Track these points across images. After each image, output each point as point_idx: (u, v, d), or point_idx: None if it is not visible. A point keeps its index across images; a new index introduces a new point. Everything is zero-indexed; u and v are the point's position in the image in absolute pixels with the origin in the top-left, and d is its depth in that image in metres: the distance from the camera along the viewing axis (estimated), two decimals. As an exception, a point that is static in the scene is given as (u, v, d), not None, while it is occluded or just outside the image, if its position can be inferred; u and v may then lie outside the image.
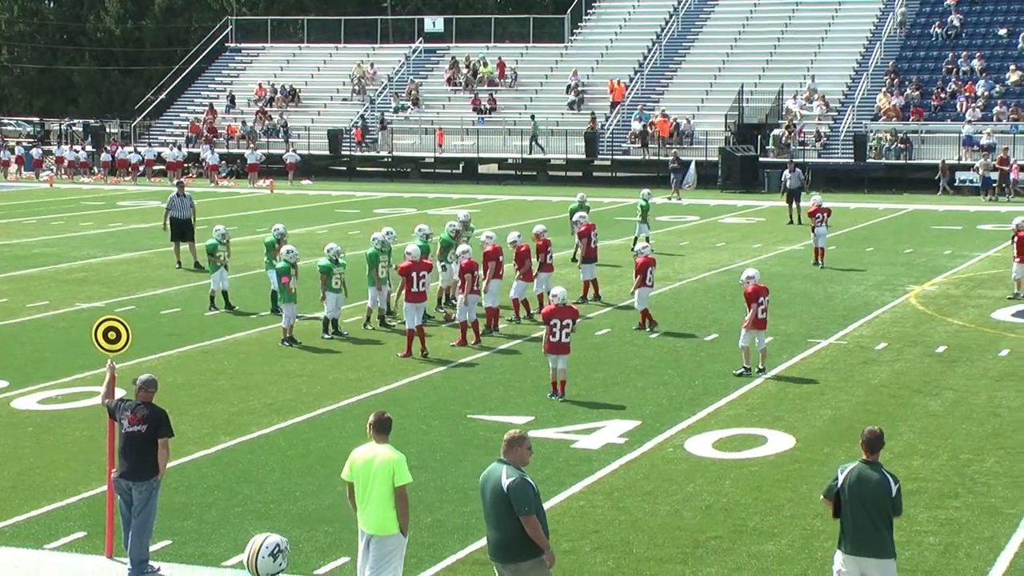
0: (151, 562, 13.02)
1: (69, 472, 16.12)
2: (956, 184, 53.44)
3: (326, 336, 24.07)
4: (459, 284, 23.79)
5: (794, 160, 48.85)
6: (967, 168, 53.55)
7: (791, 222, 42.11)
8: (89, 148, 67.19)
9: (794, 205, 42.72)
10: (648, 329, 24.66)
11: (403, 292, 22.91)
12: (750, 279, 21.13)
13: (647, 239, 35.79)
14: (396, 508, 11.10)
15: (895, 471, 15.92)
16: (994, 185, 51.64)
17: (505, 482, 10.22)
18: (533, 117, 61.86)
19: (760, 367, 21.05)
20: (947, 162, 53.77)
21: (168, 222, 33.61)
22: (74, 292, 29.51)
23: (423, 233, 25.88)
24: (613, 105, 61.86)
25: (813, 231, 33.52)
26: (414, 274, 22.66)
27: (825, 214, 33.37)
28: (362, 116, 65.43)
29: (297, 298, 23.97)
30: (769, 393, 20.13)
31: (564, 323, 19.49)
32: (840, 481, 10.81)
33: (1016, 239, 28.13)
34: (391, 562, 11.19)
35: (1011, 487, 15.54)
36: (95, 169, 64.68)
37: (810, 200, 36.02)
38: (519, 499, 10.17)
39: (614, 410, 18.91)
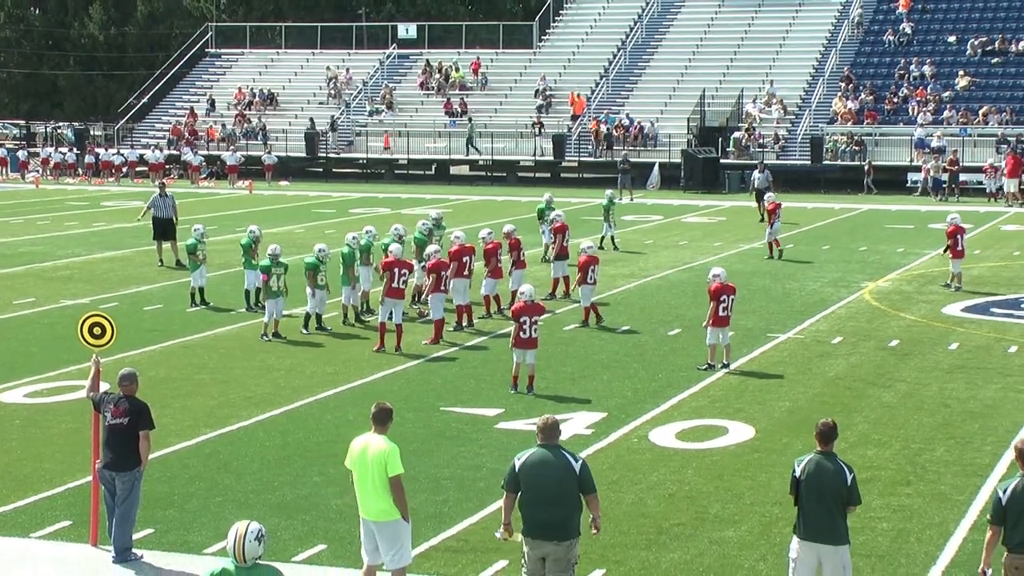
0: (134, 550, 13.00)
1: (55, 463, 16.05)
2: (908, 185, 53.67)
3: (305, 332, 24.00)
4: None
5: (763, 161, 49.05)
6: (918, 169, 53.80)
7: (761, 220, 42.31)
8: (76, 151, 66.78)
9: (763, 203, 42.78)
10: (590, 325, 24.62)
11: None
12: (716, 277, 21.15)
13: (612, 238, 35.92)
14: (393, 496, 11.14)
15: (850, 460, 15.97)
16: (944, 186, 51.89)
17: (576, 464, 10.70)
18: (471, 120, 62.25)
19: (724, 362, 21.08)
20: (899, 163, 54.02)
21: (145, 214, 33.71)
22: (59, 289, 29.36)
23: (397, 233, 25.85)
24: (574, 118, 61.76)
25: (770, 226, 34.13)
26: (395, 271, 22.65)
27: (778, 210, 34.51)
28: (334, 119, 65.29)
29: (283, 294, 23.80)
30: (730, 386, 20.18)
31: (533, 320, 19.51)
32: (797, 472, 10.86)
33: (949, 234, 28.74)
34: (399, 545, 11.31)
35: (960, 475, 15.63)
36: (79, 170, 64.35)
37: (767, 197, 36.29)
38: (589, 479, 10.72)
39: (581, 402, 18.93)
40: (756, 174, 45.18)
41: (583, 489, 10.70)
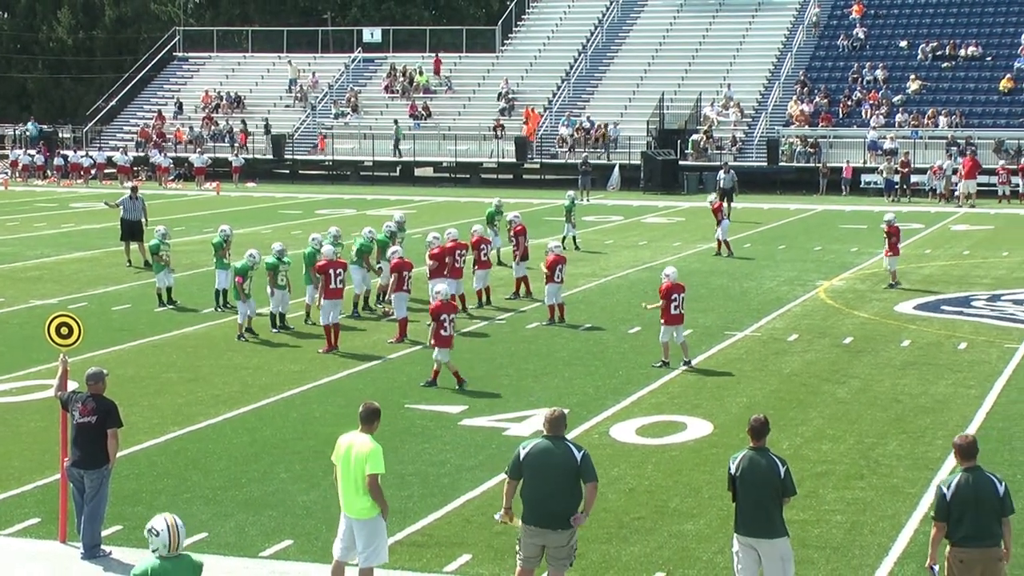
0: (103, 546, 12.92)
1: (23, 461, 15.93)
2: (861, 186, 53.99)
3: (275, 330, 23.92)
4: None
5: (727, 163, 49.33)
6: (872, 171, 54.15)
7: (727, 219, 42.84)
8: (45, 153, 66.27)
9: (727, 204, 43.27)
10: (555, 323, 24.65)
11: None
12: (666, 276, 21.18)
13: (573, 238, 35.97)
14: (371, 495, 11.13)
15: (806, 455, 16.13)
16: (896, 187, 52.21)
17: (578, 454, 10.87)
18: (396, 122, 62.50)
19: (684, 359, 21.08)
20: (851, 165, 54.36)
21: (113, 207, 33.59)
22: (28, 290, 29.14)
23: (331, 235, 25.88)
24: (520, 140, 61.45)
25: (719, 225, 34.44)
26: (331, 272, 22.59)
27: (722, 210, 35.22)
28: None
29: (250, 295, 23.70)
30: (688, 382, 20.24)
31: (451, 318, 19.56)
32: (733, 469, 10.88)
33: (888, 233, 28.97)
34: (375, 543, 11.27)
35: (912, 468, 15.73)
36: (48, 172, 63.90)
37: (708, 199, 36.48)
38: (590, 467, 10.90)
39: (543, 399, 18.93)
40: (721, 174, 45.46)
41: (583, 477, 10.86)
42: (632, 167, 57.33)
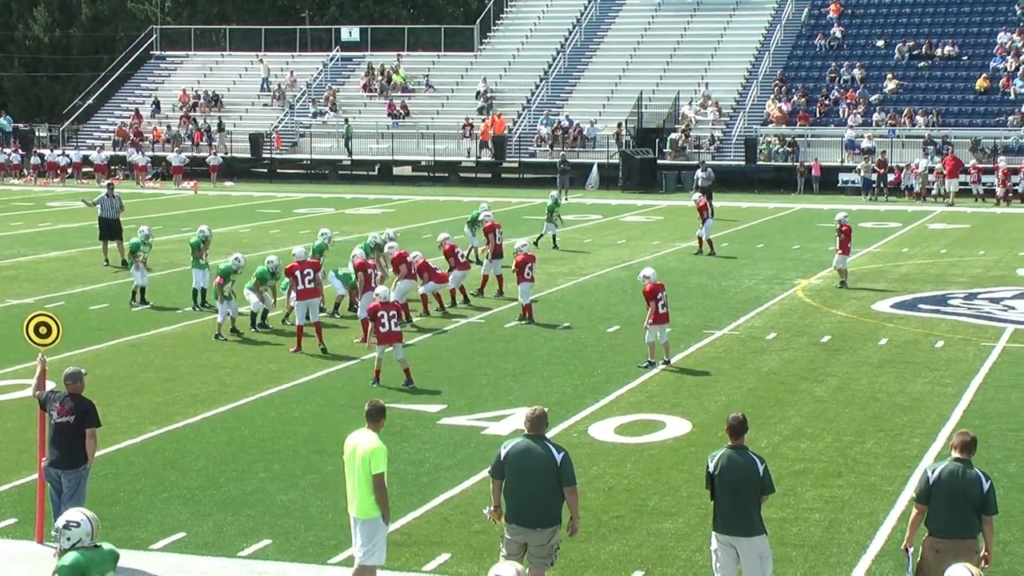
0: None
1: (1, 461, 15.86)
2: (839, 185, 54.17)
3: (254, 329, 23.87)
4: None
5: (704, 161, 49.51)
6: (850, 170, 54.33)
7: (711, 216, 43.25)
8: (21, 151, 65.99)
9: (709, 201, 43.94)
10: (524, 322, 24.67)
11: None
12: (647, 278, 21.18)
13: (553, 237, 35.99)
14: (375, 494, 11.10)
15: (784, 453, 16.19)
16: (874, 186, 52.41)
17: (558, 456, 10.88)
18: (347, 121, 62.82)
19: (664, 359, 21.12)
20: (830, 164, 54.58)
21: (90, 205, 33.51)
22: (5, 289, 29.01)
23: (326, 236, 26.39)
24: (487, 142, 61.46)
25: (703, 224, 34.58)
26: (298, 273, 22.58)
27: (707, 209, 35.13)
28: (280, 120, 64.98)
29: (231, 296, 23.66)
30: (667, 381, 20.27)
31: (391, 314, 19.59)
32: (711, 467, 10.90)
33: (839, 232, 28.87)
34: (373, 541, 11.26)
35: (889, 466, 15.79)
36: (25, 171, 63.63)
37: (693, 198, 36.58)
38: (569, 471, 10.90)
39: (522, 398, 18.93)
40: (699, 173, 45.67)
41: (562, 480, 10.88)
42: (610, 166, 57.40)
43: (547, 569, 11.14)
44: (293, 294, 23.10)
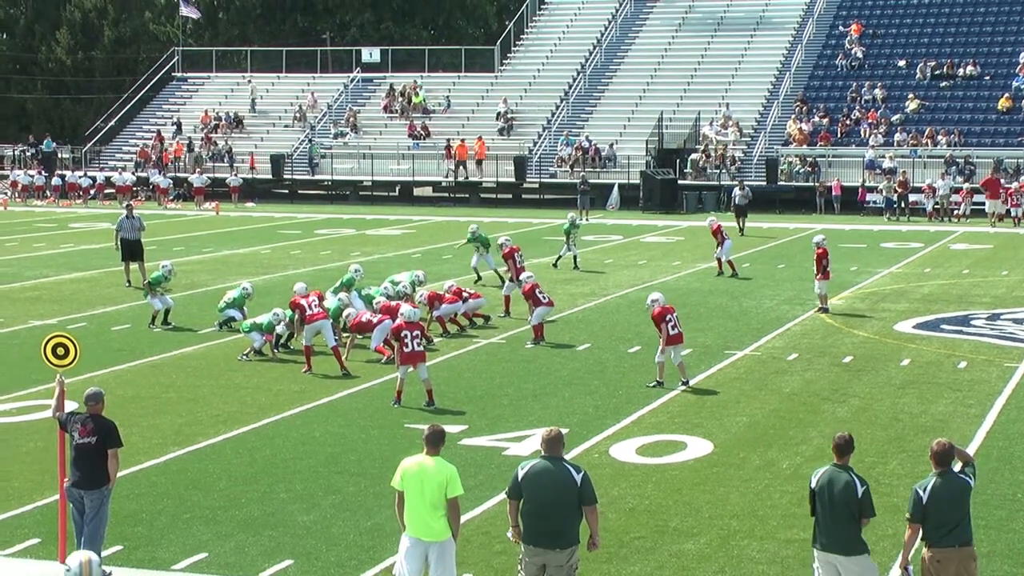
0: (103, 567, 12.89)
1: (23, 482, 15.93)
2: (861, 205, 54.11)
3: (276, 350, 23.94)
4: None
5: (743, 180, 49.94)
6: (871, 190, 54.26)
7: (741, 233, 44.08)
8: (44, 173, 66.37)
9: (742, 220, 45.38)
10: (536, 343, 24.68)
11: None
12: (655, 302, 21.12)
13: (574, 258, 35.98)
14: (448, 516, 11.17)
15: (805, 474, 16.12)
16: (895, 206, 52.33)
17: (577, 476, 10.92)
18: (311, 141, 63.87)
19: (683, 380, 21.06)
20: (851, 184, 54.56)
21: (118, 242, 33.34)
22: (27, 310, 29.16)
23: (358, 273, 26.58)
24: (479, 162, 61.70)
25: (720, 246, 34.32)
26: (303, 302, 22.78)
27: (722, 230, 34.75)
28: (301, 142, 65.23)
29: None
30: (688, 402, 20.25)
31: (414, 334, 19.59)
32: (813, 484, 11.00)
33: (816, 256, 28.21)
34: (449, 564, 11.30)
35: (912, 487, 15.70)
36: (47, 192, 63.99)
37: (707, 220, 36.52)
38: (589, 491, 10.96)
39: (543, 418, 18.92)
40: (736, 191, 46.72)
41: (583, 500, 10.91)
42: (631, 186, 57.43)
43: None
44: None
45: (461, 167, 61.13)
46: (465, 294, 26.38)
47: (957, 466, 11.11)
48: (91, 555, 9.49)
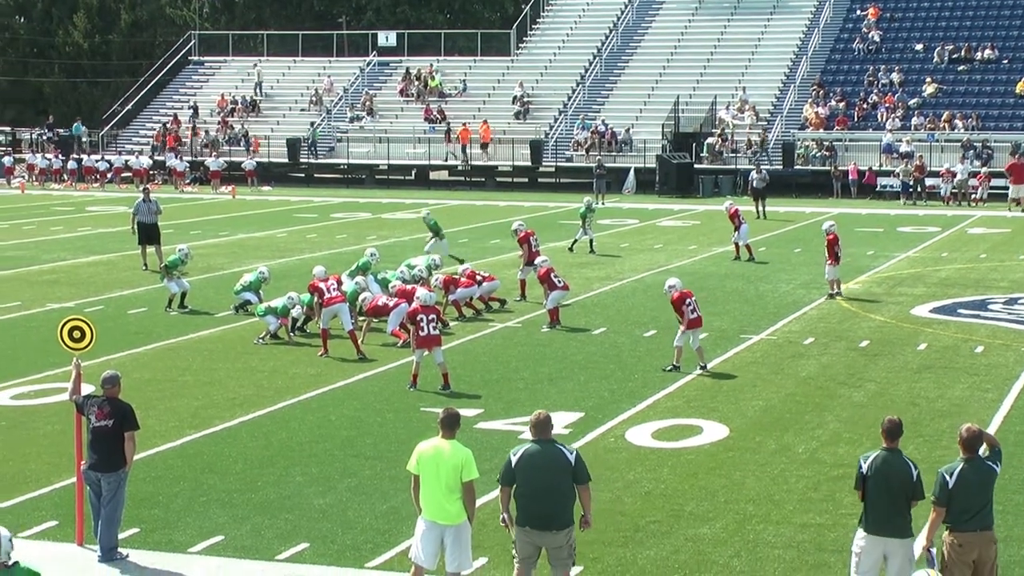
0: (120, 549, 12.95)
1: (40, 464, 15.97)
2: (877, 189, 53.92)
3: (292, 334, 23.95)
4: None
5: (760, 163, 50.01)
6: (887, 174, 54.06)
7: (758, 217, 44.12)
8: (61, 156, 66.50)
9: (760, 203, 45.76)
10: (553, 327, 24.68)
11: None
12: (672, 288, 21.09)
13: (590, 242, 35.91)
14: (463, 500, 11.18)
15: (822, 458, 16.11)
16: (911, 190, 52.14)
17: (571, 456, 11.01)
18: (312, 124, 63.97)
19: (700, 364, 21.02)
20: (859, 167, 54.41)
21: (135, 226, 33.37)
22: (45, 293, 29.23)
23: (374, 257, 26.51)
24: (484, 146, 61.60)
25: (737, 230, 34.26)
26: (321, 285, 22.79)
27: (739, 214, 34.78)
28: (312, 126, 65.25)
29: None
30: (704, 386, 20.21)
31: (430, 318, 19.58)
32: (864, 468, 11.00)
33: (827, 242, 28.13)
34: (464, 546, 11.34)
35: (929, 472, 15.50)
36: (65, 176, 64.12)
37: (724, 205, 36.39)
38: (583, 470, 11.00)
39: (559, 402, 18.92)
40: (753, 174, 47.17)
41: (576, 479, 10.95)
42: (647, 170, 57.31)
43: (570, 568, 11.17)
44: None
45: (464, 151, 61.07)
46: (479, 277, 26.38)
47: (983, 451, 11.10)
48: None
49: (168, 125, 67.29)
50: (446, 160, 61.96)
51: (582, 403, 18.92)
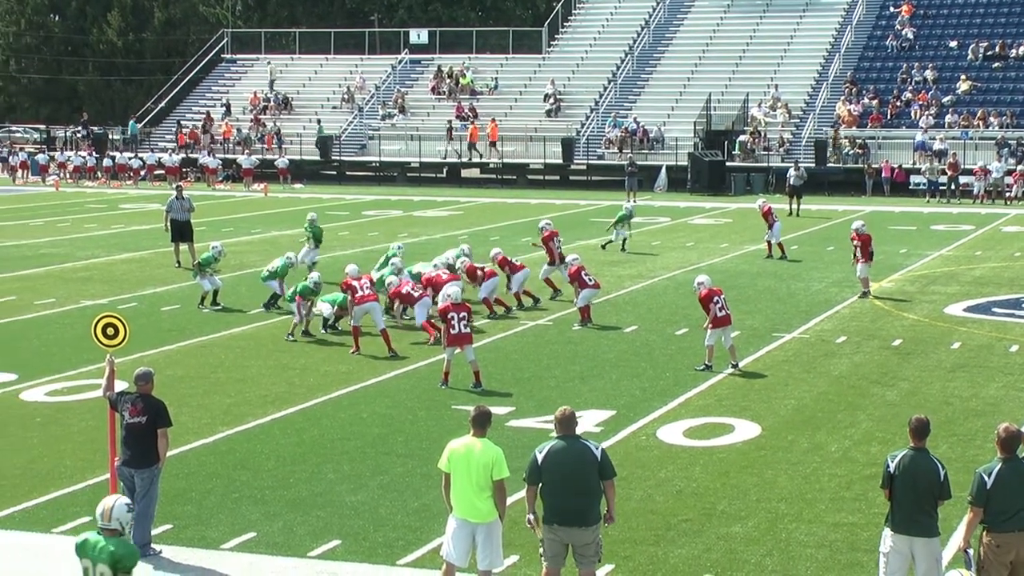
0: (153, 545, 13.01)
1: (75, 460, 16.08)
2: (911, 187, 53.67)
3: (324, 331, 24.03)
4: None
5: (798, 160, 50.06)
6: (917, 171, 53.82)
7: (791, 214, 44.32)
8: (95, 154, 66.89)
9: (795, 201, 46.01)
10: (584, 325, 24.66)
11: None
12: (701, 284, 21.02)
13: (624, 240, 35.86)
14: (494, 498, 11.19)
15: (855, 457, 16.05)
16: (940, 188, 51.87)
17: (597, 451, 11.02)
18: (319, 122, 64.11)
19: (732, 363, 20.96)
20: (892, 165, 54.14)
21: (168, 223, 33.51)
22: (79, 290, 29.40)
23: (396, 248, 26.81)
24: (492, 144, 61.63)
25: (770, 228, 34.10)
26: (355, 283, 22.83)
27: (773, 213, 34.69)
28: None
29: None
30: (736, 384, 20.15)
31: (460, 316, 19.58)
32: (891, 467, 10.96)
33: (856, 241, 27.85)
34: (496, 544, 11.35)
35: (962, 471, 15.55)
36: (98, 174, 64.48)
37: (757, 203, 36.23)
38: (609, 465, 11.03)
39: (590, 400, 18.91)
40: (791, 171, 47.15)
41: (603, 474, 10.96)
42: (679, 168, 57.20)
43: (596, 566, 11.15)
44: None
45: (472, 149, 61.13)
46: (515, 260, 26.63)
47: (1021, 451, 11.06)
48: (119, 498, 9.64)
49: (196, 124, 67.54)
50: (444, 157, 62.02)
51: (614, 401, 18.90)
